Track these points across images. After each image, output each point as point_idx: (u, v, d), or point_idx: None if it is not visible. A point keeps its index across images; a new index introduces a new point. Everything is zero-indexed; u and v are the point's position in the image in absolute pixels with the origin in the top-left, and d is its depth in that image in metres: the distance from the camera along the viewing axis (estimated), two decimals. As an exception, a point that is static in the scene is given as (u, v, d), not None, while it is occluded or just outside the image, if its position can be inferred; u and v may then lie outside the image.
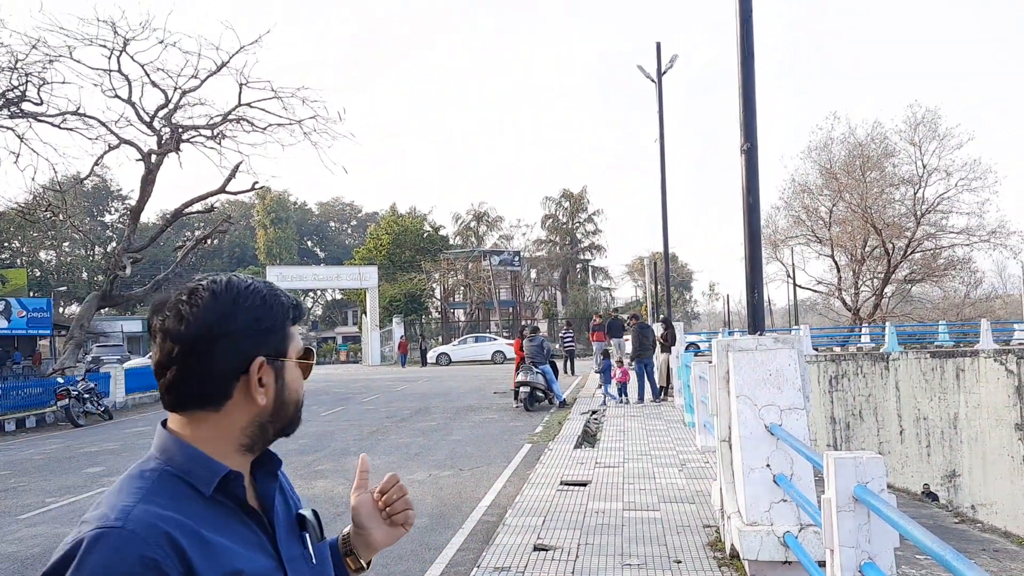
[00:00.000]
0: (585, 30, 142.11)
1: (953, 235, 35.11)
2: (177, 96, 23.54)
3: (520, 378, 16.19)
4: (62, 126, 22.42)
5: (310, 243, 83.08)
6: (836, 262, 36.99)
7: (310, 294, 67.97)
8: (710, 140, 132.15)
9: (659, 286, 35.34)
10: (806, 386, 5.23)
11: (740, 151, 6.04)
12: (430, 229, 57.09)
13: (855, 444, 22.15)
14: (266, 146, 38.39)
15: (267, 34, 36.31)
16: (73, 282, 55.11)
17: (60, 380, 18.92)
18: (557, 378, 17.00)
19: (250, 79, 23.82)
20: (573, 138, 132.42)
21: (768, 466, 5.03)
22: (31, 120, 21.99)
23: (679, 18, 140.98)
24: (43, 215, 26.06)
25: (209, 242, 38.85)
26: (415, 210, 63.41)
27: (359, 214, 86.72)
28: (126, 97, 22.92)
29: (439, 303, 50.09)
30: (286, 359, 1.17)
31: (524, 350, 16.53)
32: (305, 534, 1.23)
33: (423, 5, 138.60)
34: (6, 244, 50.93)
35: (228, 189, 25.47)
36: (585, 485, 8.43)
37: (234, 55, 23.10)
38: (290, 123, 24.26)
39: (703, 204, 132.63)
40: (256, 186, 26.36)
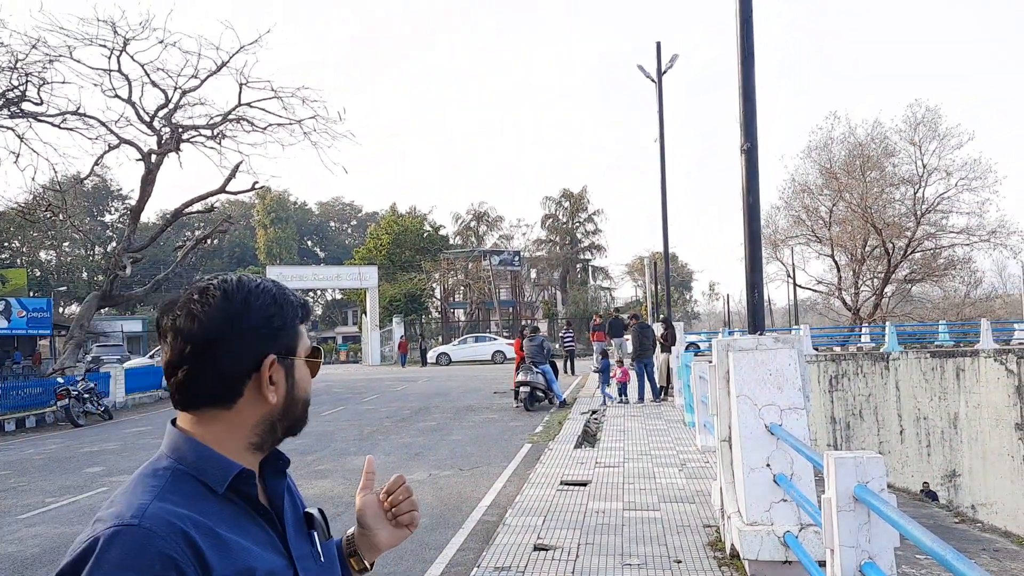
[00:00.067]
0: (585, 30, 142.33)
1: (953, 235, 35.12)
2: (177, 96, 23.59)
3: (520, 378, 16.20)
4: (62, 126, 22.44)
5: (310, 243, 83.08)
6: (836, 262, 36.98)
7: (310, 294, 67.87)
8: (710, 140, 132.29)
9: (659, 286, 35.36)
10: (806, 386, 5.24)
11: (740, 151, 6.06)
12: (430, 229, 57.10)
13: (855, 444, 22.16)
14: (266, 146, 38.42)
15: (267, 34, 36.32)
16: (73, 282, 55.07)
17: (60, 380, 18.92)
18: (557, 378, 17.01)
19: (250, 79, 23.89)
20: (573, 138, 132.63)
21: (768, 466, 5.04)
22: (31, 120, 22.01)
23: (679, 18, 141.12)
24: (43, 215, 26.06)
25: (209, 242, 38.82)
26: (415, 210, 63.42)
27: (359, 214, 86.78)
28: (126, 97, 22.97)
29: (439, 303, 50.10)
30: (296, 357, 1.19)
31: (524, 350, 16.54)
32: (313, 532, 1.24)
33: (423, 5, 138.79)
34: (6, 244, 50.87)
35: (228, 189, 25.51)
36: (585, 485, 8.44)
37: (234, 55, 23.17)
38: (290, 123, 24.31)
39: (703, 204, 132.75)
40: (256, 186, 26.38)
